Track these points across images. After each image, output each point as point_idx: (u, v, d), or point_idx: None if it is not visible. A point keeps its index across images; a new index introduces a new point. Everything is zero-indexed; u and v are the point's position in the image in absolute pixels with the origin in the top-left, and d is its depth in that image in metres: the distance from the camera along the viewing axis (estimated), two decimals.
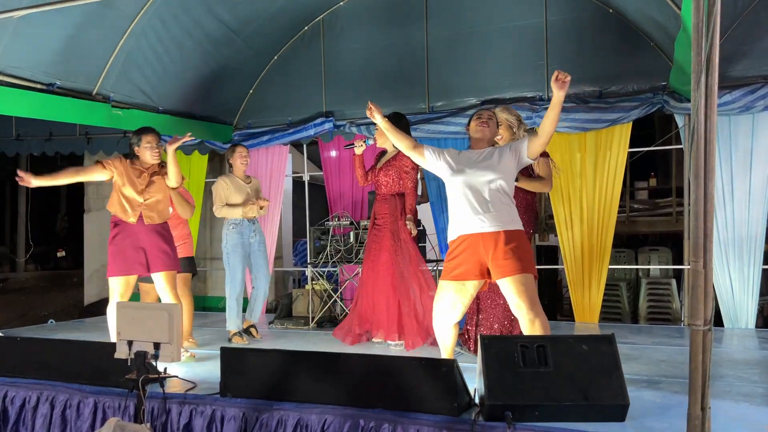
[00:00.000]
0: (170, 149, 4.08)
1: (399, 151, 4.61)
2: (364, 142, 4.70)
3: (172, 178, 4.18)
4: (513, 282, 3.19)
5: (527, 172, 4.02)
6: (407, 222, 4.61)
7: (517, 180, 3.69)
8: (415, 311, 4.51)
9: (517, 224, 3.34)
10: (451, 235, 3.39)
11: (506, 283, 3.22)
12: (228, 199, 4.95)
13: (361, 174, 4.79)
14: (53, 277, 13.41)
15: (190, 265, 4.84)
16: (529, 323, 3.16)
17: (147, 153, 4.16)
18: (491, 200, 3.28)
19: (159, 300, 4.46)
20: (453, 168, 3.38)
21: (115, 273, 4.09)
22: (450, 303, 3.35)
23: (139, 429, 2.60)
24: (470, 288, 3.34)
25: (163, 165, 4.24)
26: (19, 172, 3.91)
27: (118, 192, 4.14)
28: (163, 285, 4.17)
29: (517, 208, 3.44)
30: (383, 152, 4.83)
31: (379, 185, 4.73)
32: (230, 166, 5.14)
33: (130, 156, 4.21)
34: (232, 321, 4.97)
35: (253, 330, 5.09)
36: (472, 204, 3.29)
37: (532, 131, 4.25)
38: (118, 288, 4.08)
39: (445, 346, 3.47)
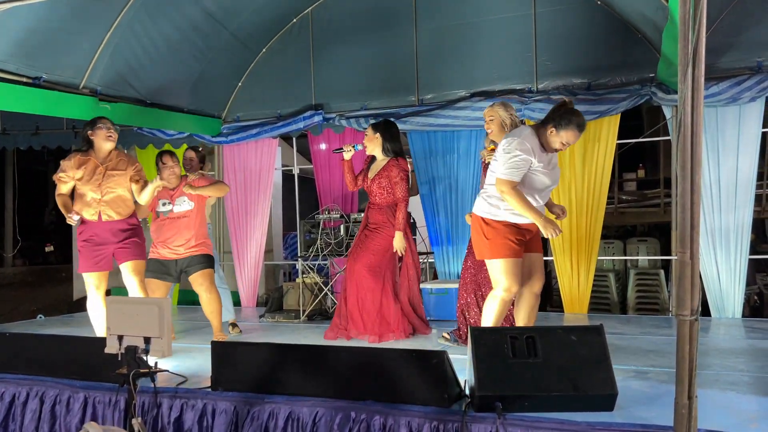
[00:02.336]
0: (156, 183, 4.23)
1: (389, 160, 4.65)
2: (353, 147, 4.70)
3: (143, 200, 4.29)
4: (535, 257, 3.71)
5: None
6: (397, 236, 4.55)
7: None
8: (402, 308, 4.60)
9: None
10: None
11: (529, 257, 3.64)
12: None
13: (351, 179, 4.79)
14: (42, 272, 13.34)
15: (210, 262, 4.76)
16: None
17: (102, 133, 4.19)
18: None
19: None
20: None
21: (85, 269, 4.23)
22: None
23: (115, 431, 2.61)
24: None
25: (122, 157, 4.31)
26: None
27: (78, 192, 4.22)
28: (129, 275, 4.22)
29: None
30: (373, 158, 4.82)
31: (373, 195, 4.70)
32: None
33: (85, 147, 4.25)
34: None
35: (231, 328, 5.14)
36: None
37: (522, 124, 4.27)
38: (91, 282, 4.23)
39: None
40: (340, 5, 6.28)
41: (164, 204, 4.62)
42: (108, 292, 4.45)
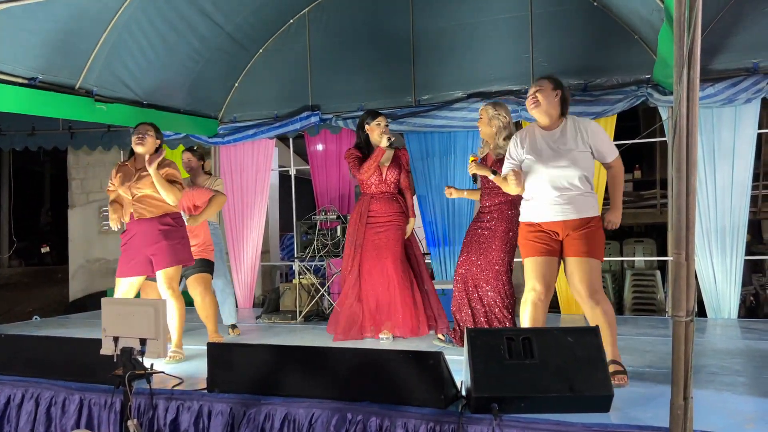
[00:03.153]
0: (150, 168, 4.03)
1: (396, 150, 4.76)
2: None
3: (166, 199, 4.10)
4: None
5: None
6: (411, 221, 4.73)
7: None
8: (427, 302, 4.67)
9: None
10: None
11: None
12: None
13: (376, 168, 4.67)
14: (37, 273, 13.30)
15: (209, 267, 4.77)
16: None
17: (132, 140, 4.19)
18: None
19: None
20: None
21: (117, 273, 4.20)
22: None
23: None
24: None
25: (154, 158, 4.19)
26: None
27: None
28: (160, 286, 4.16)
29: (511, 202, 3.79)
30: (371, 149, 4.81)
31: (387, 184, 4.71)
32: None
33: (130, 156, 4.29)
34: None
35: (231, 330, 5.13)
36: None
37: (518, 126, 4.32)
38: (118, 288, 4.18)
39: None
40: (337, 6, 6.28)
41: None
42: (104, 293, 4.42)
